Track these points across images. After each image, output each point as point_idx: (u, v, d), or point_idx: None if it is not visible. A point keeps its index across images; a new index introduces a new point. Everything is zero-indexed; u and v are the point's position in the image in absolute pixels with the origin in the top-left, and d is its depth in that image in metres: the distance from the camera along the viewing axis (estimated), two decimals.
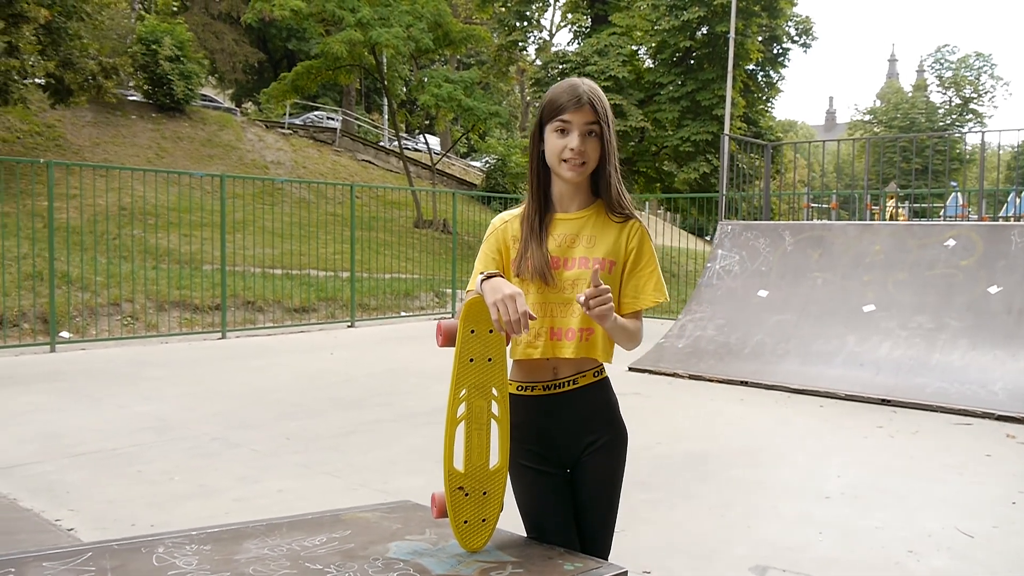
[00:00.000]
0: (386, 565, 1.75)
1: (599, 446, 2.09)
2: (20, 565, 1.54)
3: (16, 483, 4.41)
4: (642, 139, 22.18)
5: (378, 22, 20.78)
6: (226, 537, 1.86)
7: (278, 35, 37.63)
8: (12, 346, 8.89)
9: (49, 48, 17.68)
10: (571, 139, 1.96)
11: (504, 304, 1.74)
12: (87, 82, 19.19)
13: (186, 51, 25.87)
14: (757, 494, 4.54)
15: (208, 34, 35.09)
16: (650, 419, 6.39)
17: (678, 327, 9.16)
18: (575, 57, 21.67)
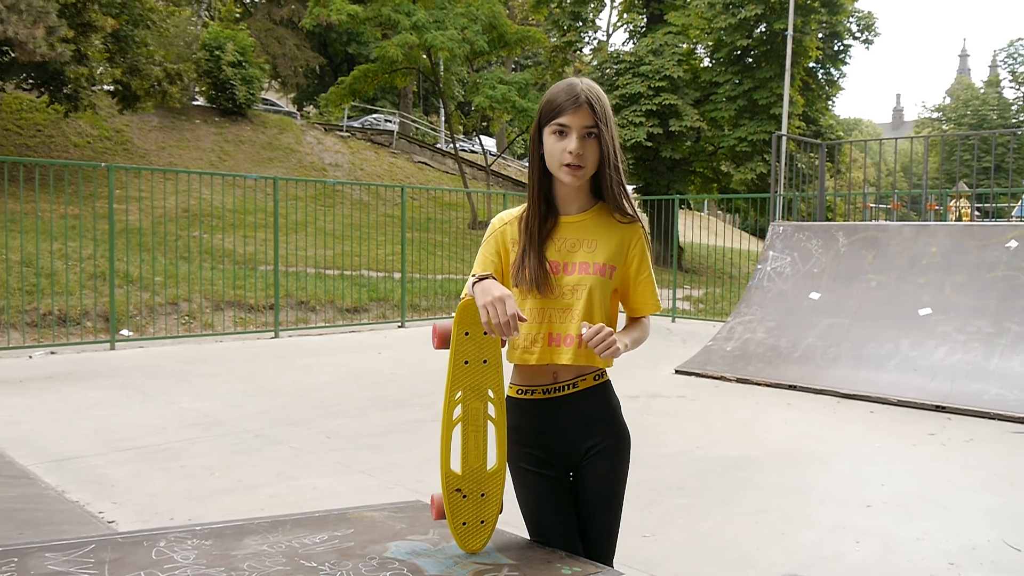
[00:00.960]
0: (381, 564, 1.77)
1: (600, 450, 2.07)
2: (23, 555, 1.60)
3: (67, 475, 4.57)
4: (698, 139, 21.91)
5: (433, 25, 20.97)
6: (228, 533, 1.90)
7: (338, 39, 38.22)
8: (75, 343, 9.22)
9: (117, 56, 18.29)
10: (569, 142, 1.94)
11: (493, 306, 1.74)
12: (153, 88, 19.79)
13: (248, 56, 26.47)
14: (795, 501, 4.44)
15: (270, 39, 35.82)
16: (691, 423, 6.31)
17: (727, 329, 9.03)
18: (629, 57, 21.50)
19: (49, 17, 11.96)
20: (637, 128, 20.49)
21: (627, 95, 20.89)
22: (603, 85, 22.40)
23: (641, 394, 7.36)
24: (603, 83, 22.34)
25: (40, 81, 16.78)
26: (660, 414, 6.59)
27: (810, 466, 5.16)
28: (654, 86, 20.41)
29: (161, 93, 20.23)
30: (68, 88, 16.73)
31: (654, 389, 7.61)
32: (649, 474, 4.89)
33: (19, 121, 22.15)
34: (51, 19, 12.06)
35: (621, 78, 21.17)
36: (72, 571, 1.54)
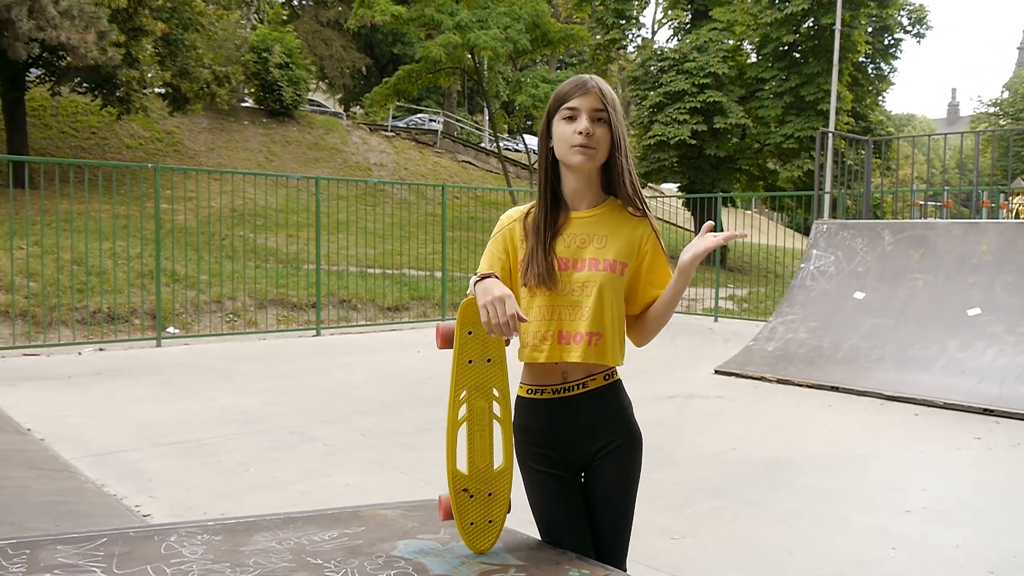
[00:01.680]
0: (387, 563, 1.78)
1: (611, 450, 2.05)
2: (35, 547, 1.64)
3: (107, 469, 4.68)
4: (743, 136, 21.61)
5: (476, 24, 21.03)
6: (240, 529, 1.92)
7: (384, 40, 38.55)
8: (122, 340, 9.45)
9: (167, 59, 18.71)
10: (579, 123, 1.94)
11: (493, 306, 1.73)
12: (202, 90, 20.19)
13: (294, 58, 26.85)
14: (830, 505, 4.35)
15: (317, 41, 36.27)
16: (728, 424, 6.22)
17: (768, 329, 8.89)
18: (673, 54, 21.30)
19: (100, 22, 12.28)
20: (681, 126, 20.29)
21: (671, 92, 20.70)
22: (646, 83, 22.24)
23: (679, 394, 7.29)
24: (647, 81, 22.18)
25: (94, 85, 17.24)
26: (697, 415, 6.52)
27: (848, 470, 5.05)
28: (698, 83, 20.18)
29: (210, 95, 20.64)
30: (120, 91, 17.16)
31: (692, 389, 7.53)
32: (683, 475, 4.84)
33: (75, 124, 22.78)
34: (102, 24, 12.38)
35: (665, 75, 20.98)
36: (80, 564, 1.58)
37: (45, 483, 4.07)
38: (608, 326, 2.00)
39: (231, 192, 17.32)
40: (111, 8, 13.90)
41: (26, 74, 17.52)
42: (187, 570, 1.60)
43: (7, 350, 8.60)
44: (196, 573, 1.59)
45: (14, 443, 4.84)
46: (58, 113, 22.71)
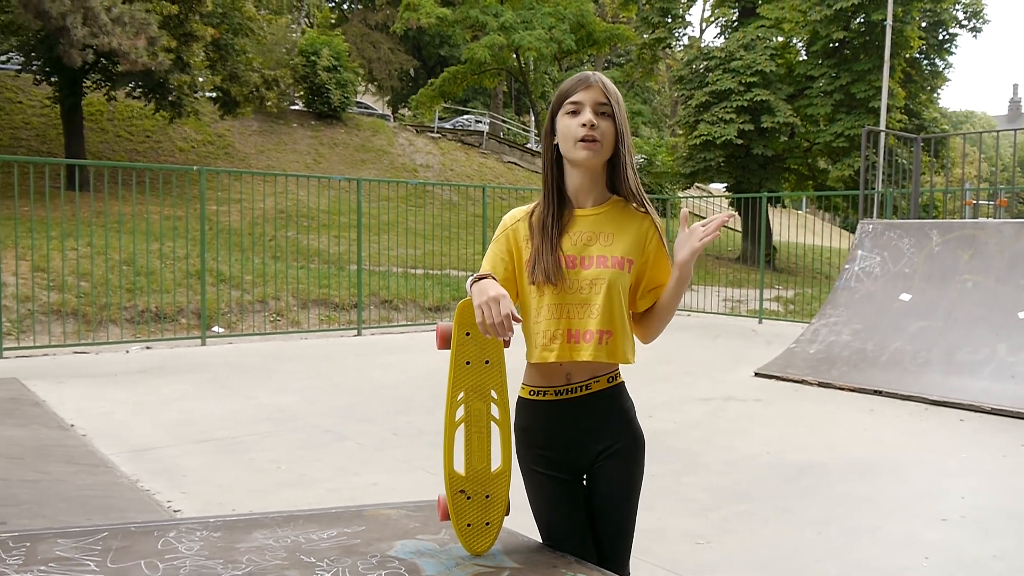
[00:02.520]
0: (380, 563, 1.78)
1: (613, 452, 2.03)
2: (36, 540, 1.69)
3: (143, 465, 4.79)
4: (792, 135, 21.24)
5: (520, 25, 21.05)
6: (240, 526, 1.95)
7: (431, 42, 38.82)
8: (168, 339, 9.66)
9: (218, 63, 19.08)
10: (583, 115, 1.94)
11: (488, 306, 1.72)
12: (251, 94, 20.55)
13: (342, 61, 27.17)
14: (863, 512, 4.25)
15: (366, 44, 36.68)
16: (763, 427, 6.12)
17: (811, 332, 8.72)
18: (719, 53, 21.03)
19: (150, 28, 12.60)
20: (727, 125, 20.03)
21: (717, 91, 20.44)
22: (692, 82, 21.99)
23: (715, 397, 7.20)
24: (692, 80, 21.94)
25: (147, 90, 17.67)
26: (732, 418, 6.43)
27: (885, 476, 4.93)
28: (745, 82, 19.89)
29: (259, 99, 21.01)
30: (172, 96, 17.56)
31: (729, 392, 7.42)
32: (712, 479, 4.78)
33: (130, 128, 23.39)
34: (152, 30, 12.69)
35: (711, 74, 20.73)
36: (76, 557, 1.61)
37: (82, 478, 4.18)
38: (618, 323, 1.99)
39: (279, 194, 17.61)
40: (162, 15, 14.24)
41: (83, 80, 18.03)
42: (179, 566, 1.63)
43: (58, 348, 8.86)
44: (188, 569, 1.62)
45: (56, 438, 4.99)
46: (114, 118, 23.34)
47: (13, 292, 9.39)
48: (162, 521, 1.94)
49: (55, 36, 12.67)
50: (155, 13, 13.28)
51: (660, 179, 25.26)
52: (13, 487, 3.87)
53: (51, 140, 21.12)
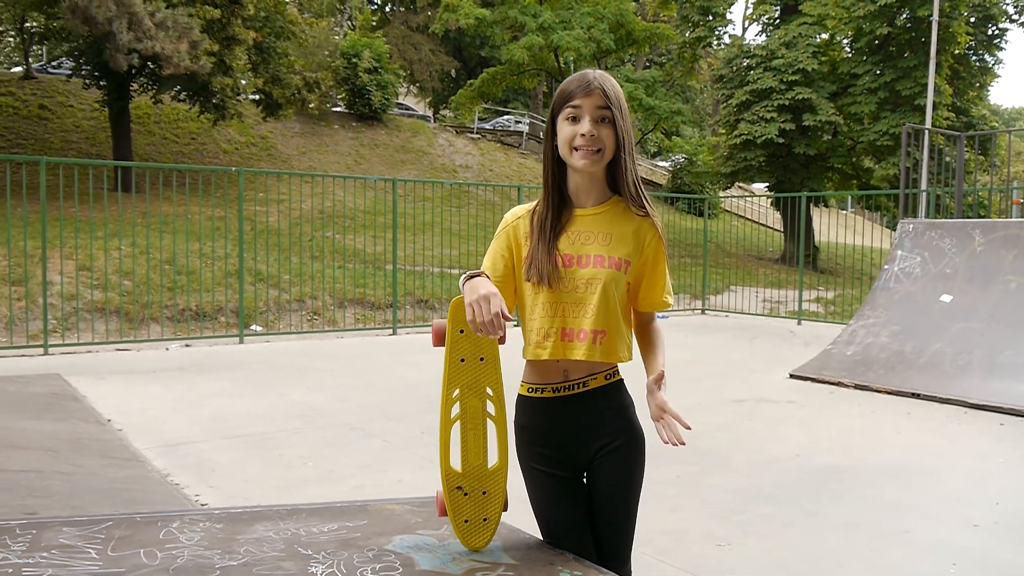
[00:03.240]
0: (376, 556, 1.80)
1: (612, 450, 2.03)
2: (42, 528, 1.74)
3: (175, 459, 4.89)
4: (835, 134, 20.89)
5: (559, 25, 21.02)
6: (244, 518, 1.98)
7: (472, 43, 38.97)
8: (207, 337, 9.85)
9: (260, 66, 19.40)
10: (582, 124, 1.92)
11: (478, 304, 1.73)
12: (293, 96, 20.84)
13: (383, 63, 27.42)
14: (892, 516, 4.17)
15: (407, 46, 36.96)
16: (795, 429, 6.04)
17: (848, 333, 8.58)
18: (760, 51, 20.76)
19: (192, 32, 12.86)
20: (768, 124, 19.77)
21: (758, 90, 20.19)
22: (733, 81, 21.76)
23: (748, 398, 7.11)
24: (733, 78, 21.71)
25: (191, 92, 18.03)
26: (764, 420, 6.35)
27: (917, 480, 4.82)
28: (787, 80, 19.61)
29: (300, 101, 21.30)
30: (215, 98, 17.90)
31: (763, 394, 7.33)
32: (737, 481, 4.73)
33: (176, 130, 23.88)
34: (194, 34, 12.95)
35: (752, 73, 20.49)
36: (79, 545, 1.66)
37: (113, 471, 4.29)
38: (613, 323, 1.98)
39: (319, 195, 17.84)
40: (205, 19, 14.52)
41: (130, 84, 18.46)
42: (177, 555, 1.67)
43: (100, 345, 9.08)
44: (185, 558, 1.66)
45: (92, 432, 5.11)
46: (161, 120, 23.85)
47: (60, 291, 9.65)
48: (167, 512, 1.99)
49: (102, 41, 13.00)
50: (197, 18, 13.54)
51: (700, 179, 25.02)
52: (47, 479, 3.98)
53: (100, 143, 21.66)
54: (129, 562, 1.59)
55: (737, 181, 23.50)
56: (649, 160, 38.97)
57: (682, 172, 29.47)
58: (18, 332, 9.02)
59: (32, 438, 4.73)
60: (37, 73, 24.54)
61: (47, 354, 8.55)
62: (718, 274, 17.64)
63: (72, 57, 18.94)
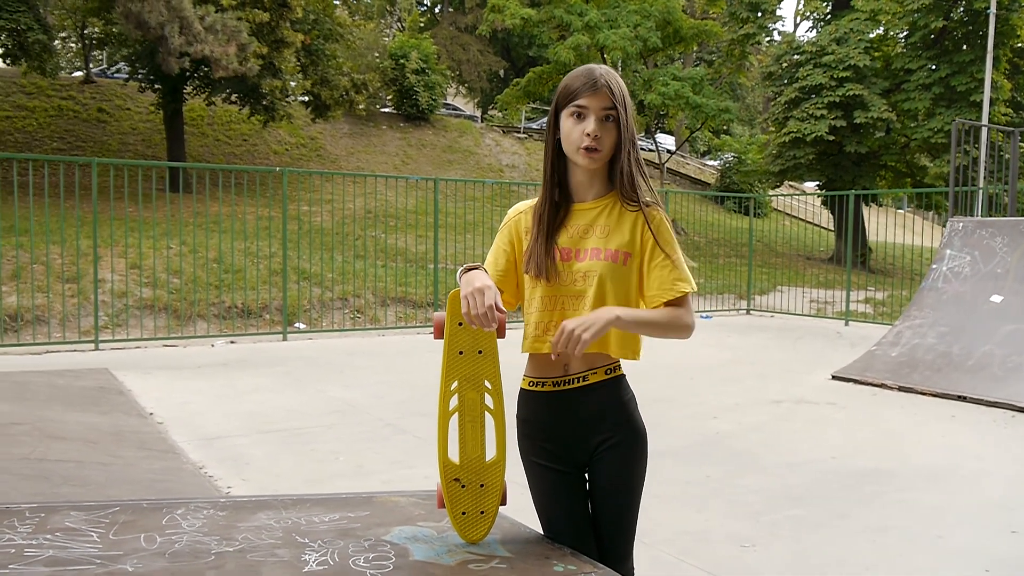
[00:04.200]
0: (372, 546, 1.83)
1: (612, 445, 2.02)
2: (51, 512, 1.80)
3: (210, 453, 5.01)
4: (888, 131, 20.41)
5: (605, 24, 20.93)
6: (248, 507, 2.03)
7: (520, 43, 39.01)
8: (252, 334, 10.04)
9: (309, 68, 19.71)
10: (587, 124, 1.93)
11: (473, 297, 1.75)
12: (342, 97, 21.13)
13: (431, 64, 27.62)
14: (926, 520, 4.07)
15: (455, 46, 37.17)
16: (833, 431, 5.93)
17: (893, 334, 8.39)
18: (809, 47, 20.39)
19: (240, 36, 13.13)
20: (818, 122, 19.40)
21: (807, 87, 19.83)
22: (782, 78, 21.43)
23: (786, 399, 7.00)
24: (782, 75, 21.37)
25: (241, 95, 18.40)
26: (801, 421, 6.25)
27: (955, 485, 4.70)
28: (837, 76, 19.22)
29: (348, 102, 21.58)
30: (265, 100, 18.24)
31: (802, 395, 7.21)
32: (768, 482, 4.66)
33: (228, 132, 24.39)
34: (242, 37, 13.22)
35: (801, 69, 20.13)
36: (83, 528, 1.72)
37: (149, 463, 4.40)
38: None
39: (367, 195, 18.07)
40: (255, 23, 14.81)
41: (183, 87, 18.92)
42: (176, 540, 1.72)
43: (149, 341, 9.33)
44: (183, 543, 1.70)
45: (133, 425, 5.26)
46: (214, 122, 24.38)
47: (111, 288, 9.94)
48: (173, 499, 2.04)
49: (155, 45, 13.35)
50: (246, 21, 13.82)
51: (749, 177, 24.68)
52: (86, 469, 4.11)
53: (155, 144, 22.23)
54: (128, 546, 1.64)
55: (786, 180, 23.10)
56: (699, 159, 38.55)
57: (731, 171, 29.09)
58: (71, 328, 9.31)
59: (75, 430, 4.88)
60: (96, 77, 25.28)
61: (98, 349, 8.81)
62: (765, 274, 17.38)
63: (128, 61, 19.50)
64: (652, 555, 3.60)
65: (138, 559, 1.57)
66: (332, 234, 13.86)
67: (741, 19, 22.54)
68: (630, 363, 2.10)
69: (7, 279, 9.67)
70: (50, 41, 17.69)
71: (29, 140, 21.26)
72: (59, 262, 10.06)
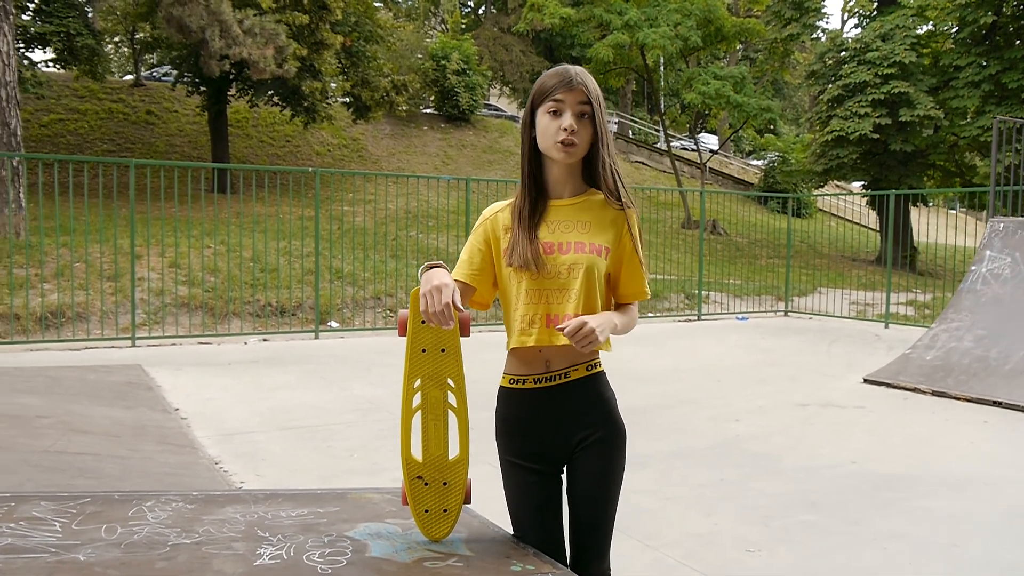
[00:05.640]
0: (331, 542, 1.84)
1: (591, 442, 2.03)
2: (20, 501, 1.85)
3: (229, 448, 5.09)
4: (936, 129, 19.90)
5: (645, 23, 20.78)
6: (219, 500, 2.06)
7: (563, 44, 38.94)
8: (285, 332, 10.19)
9: (350, 70, 19.93)
10: (564, 119, 1.96)
11: (431, 295, 1.76)
12: (382, 99, 21.32)
13: (471, 64, 27.73)
14: (943, 529, 3.96)
15: (498, 47, 37.23)
16: (857, 436, 5.80)
17: (929, 337, 8.18)
18: (854, 44, 19.97)
19: (279, 38, 13.33)
20: (862, 120, 18.99)
21: (850, 85, 19.43)
22: (825, 76, 21.05)
23: (813, 403, 6.88)
24: (825, 73, 20.98)
25: (282, 96, 18.68)
26: (825, 425, 6.13)
27: (980, 492, 4.57)
28: (882, 74, 18.80)
29: (388, 103, 21.77)
30: (306, 102, 18.49)
31: (830, 398, 7.08)
32: (783, 486, 4.59)
33: (272, 133, 24.78)
34: (280, 40, 13.43)
35: (845, 67, 19.73)
36: (48, 518, 1.76)
37: (166, 456, 4.49)
38: (595, 308, 2.01)
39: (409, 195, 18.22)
40: (294, 25, 15.03)
41: (227, 89, 19.27)
42: (136, 531, 1.75)
43: (185, 338, 9.52)
44: (143, 534, 1.73)
45: (156, 420, 5.37)
46: (258, 124, 24.80)
47: (150, 286, 10.16)
48: (146, 492, 2.08)
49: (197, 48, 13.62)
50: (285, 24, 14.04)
51: (792, 177, 24.29)
52: (103, 462, 4.21)
53: (201, 146, 22.69)
54: (87, 536, 1.68)
55: (830, 179, 22.68)
56: (742, 159, 38.07)
57: (774, 171, 28.67)
58: (110, 325, 9.54)
59: (98, 423, 5.00)
60: (146, 81, 25.90)
61: (134, 346, 9.02)
62: (806, 275, 17.10)
63: (174, 65, 19.91)
64: (655, 558, 3.57)
65: (93, 549, 1.61)
66: (370, 234, 14.00)
67: (785, 18, 22.19)
68: (657, 365, 2.13)
69: (51, 277, 9.95)
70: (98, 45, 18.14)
71: (81, 142, 21.86)
72: (101, 260, 10.32)
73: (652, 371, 8.19)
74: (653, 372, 8.15)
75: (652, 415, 6.32)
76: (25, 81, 15.57)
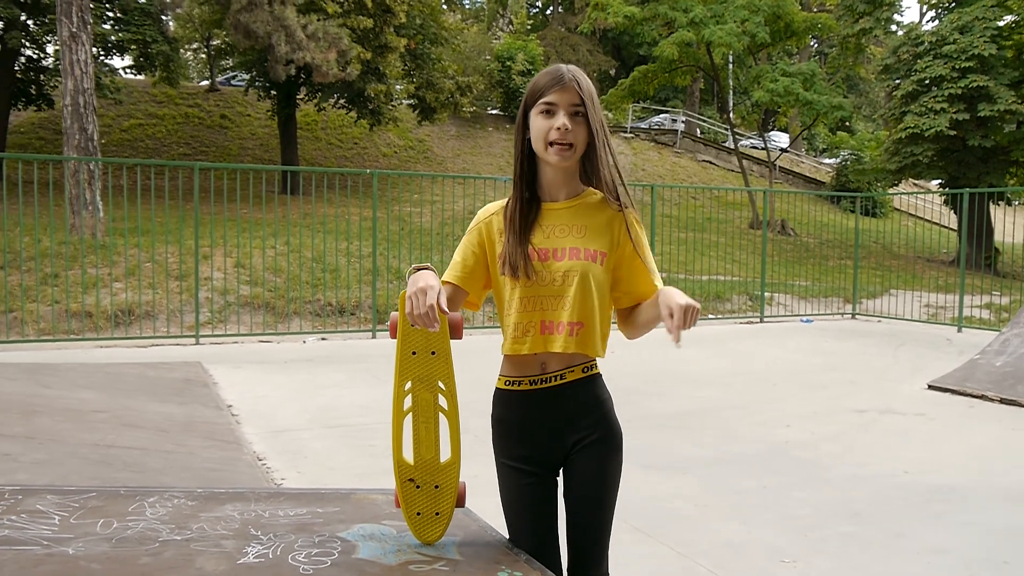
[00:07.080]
0: (321, 542, 1.86)
1: (587, 444, 2.00)
2: (28, 494, 1.92)
3: (274, 445, 5.20)
4: (1019, 125, 19.05)
5: (711, 20, 20.46)
6: (222, 498, 2.10)
7: (630, 43, 38.66)
8: (342, 331, 10.36)
9: (415, 72, 20.18)
10: (557, 119, 1.94)
11: (416, 297, 1.76)
12: (447, 100, 21.52)
13: (537, 65, 27.76)
14: (994, 544, 3.78)
15: (564, 47, 37.20)
16: (914, 444, 5.59)
17: (999, 342, 7.84)
18: (929, 37, 19.27)
19: (341, 42, 13.57)
20: (937, 116, 18.31)
21: (926, 80, 18.75)
22: (899, 71, 20.37)
23: (871, 409, 6.66)
24: (899, 68, 20.29)
25: (348, 99, 19.02)
26: (881, 432, 5.92)
27: None
28: (959, 67, 18.09)
29: (453, 105, 21.96)
30: (371, 104, 18.79)
31: (890, 405, 6.84)
32: (827, 495, 4.45)
33: (340, 136, 25.27)
34: (343, 44, 13.67)
35: (919, 61, 19.05)
36: (50, 511, 1.82)
37: (211, 452, 4.62)
38: (590, 316, 1.98)
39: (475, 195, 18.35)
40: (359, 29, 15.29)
41: (295, 93, 19.72)
42: (131, 526, 1.79)
43: (246, 337, 9.77)
44: (137, 530, 1.78)
45: (207, 416, 5.52)
46: (327, 127, 25.32)
47: (213, 286, 10.47)
48: (151, 487, 2.13)
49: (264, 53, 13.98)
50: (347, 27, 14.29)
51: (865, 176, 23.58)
52: (149, 456, 4.35)
53: (272, 149, 23.28)
54: (82, 530, 1.73)
55: (905, 178, 21.93)
56: (814, 157, 37.14)
57: (847, 169, 27.88)
58: (176, 323, 9.86)
59: (150, 419, 5.17)
60: (220, 86, 26.70)
61: (198, 344, 9.29)
62: (878, 277, 16.56)
63: (246, 70, 20.48)
64: (685, 566, 3.51)
65: (83, 543, 1.66)
66: (432, 234, 14.13)
67: (858, 12, 21.56)
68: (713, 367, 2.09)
69: (121, 276, 10.34)
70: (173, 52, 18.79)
71: (158, 146, 22.68)
72: (167, 260, 10.68)
73: (707, 374, 8.06)
74: (708, 375, 8.02)
75: (701, 418, 6.21)
76: (104, 87, 16.22)
